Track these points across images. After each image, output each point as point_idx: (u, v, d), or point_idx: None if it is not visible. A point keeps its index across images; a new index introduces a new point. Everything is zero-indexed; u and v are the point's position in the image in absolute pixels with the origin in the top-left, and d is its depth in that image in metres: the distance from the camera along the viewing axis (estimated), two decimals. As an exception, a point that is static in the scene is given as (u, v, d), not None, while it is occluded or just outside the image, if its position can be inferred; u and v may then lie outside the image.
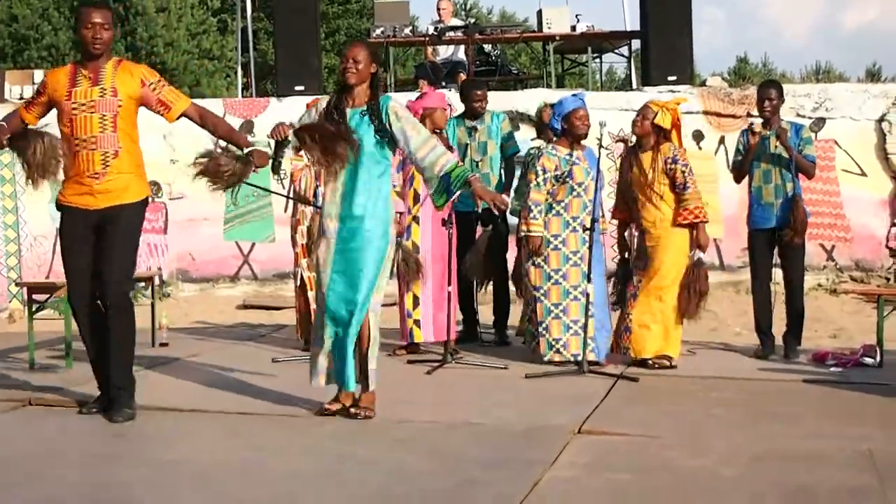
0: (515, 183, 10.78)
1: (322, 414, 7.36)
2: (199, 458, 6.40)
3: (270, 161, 7.27)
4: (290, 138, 7.22)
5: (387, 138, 7.33)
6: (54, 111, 7.39)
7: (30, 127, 7.36)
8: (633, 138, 9.79)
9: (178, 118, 7.43)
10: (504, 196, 9.31)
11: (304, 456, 6.45)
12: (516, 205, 10.29)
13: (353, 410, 7.33)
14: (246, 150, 7.26)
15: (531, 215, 9.39)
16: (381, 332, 7.54)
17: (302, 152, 7.37)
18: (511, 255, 10.76)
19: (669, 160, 9.26)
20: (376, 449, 6.57)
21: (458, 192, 7.39)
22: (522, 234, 9.51)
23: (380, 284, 7.32)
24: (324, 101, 7.56)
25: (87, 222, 7.29)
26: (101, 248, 7.26)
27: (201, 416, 7.45)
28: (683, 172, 9.23)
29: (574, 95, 9.70)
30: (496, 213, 8.96)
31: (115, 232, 7.25)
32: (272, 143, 7.34)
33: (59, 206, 7.43)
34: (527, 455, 6.36)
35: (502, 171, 10.85)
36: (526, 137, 12.83)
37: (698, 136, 14.72)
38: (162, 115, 7.41)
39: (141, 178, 7.43)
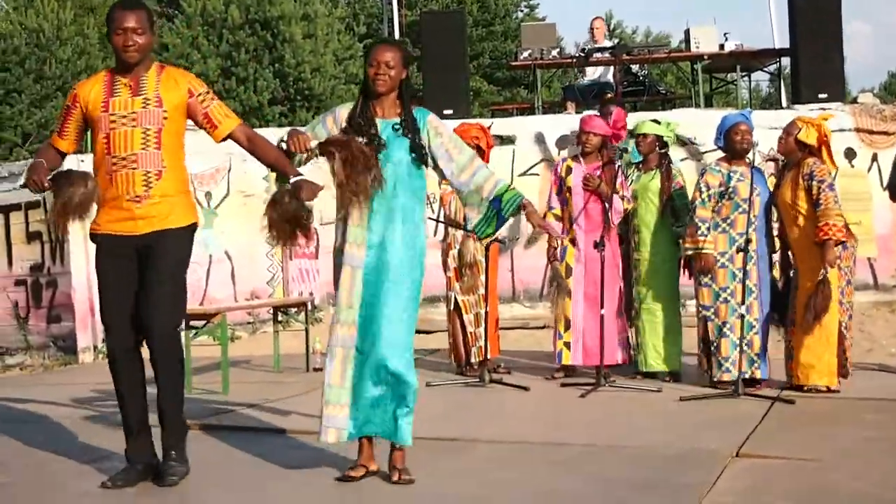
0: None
1: (345, 480, 6.33)
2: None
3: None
4: (312, 151, 6.29)
5: (422, 156, 6.38)
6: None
7: (76, 170, 6.36)
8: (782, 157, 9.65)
9: (223, 139, 6.47)
10: (555, 226, 9.64)
11: (455, 479, 6.48)
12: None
13: (395, 478, 6.27)
14: (293, 180, 6.19)
15: (699, 232, 9.26)
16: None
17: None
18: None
19: (807, 175, 9.04)
20: (530, 472, 6.57)
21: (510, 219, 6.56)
22: (690, 252, 9.39)
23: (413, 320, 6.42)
24: (341, 110, 6.48)
25: (127, 251, 6.31)
26: (144, 283, 6.30)
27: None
28: (819, 188, 8.94)
29: (741, 113, 9.61)
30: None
31: (161, 264, 6.28)
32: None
33: (94, 237, 6.45)
34: (684, 479, 6.31)
35: None
36: (675, 158, 12.72)
37: (850, 154, 14.44)
38: (207, 132, 6.46)
39: (188, 201, 6.47)
